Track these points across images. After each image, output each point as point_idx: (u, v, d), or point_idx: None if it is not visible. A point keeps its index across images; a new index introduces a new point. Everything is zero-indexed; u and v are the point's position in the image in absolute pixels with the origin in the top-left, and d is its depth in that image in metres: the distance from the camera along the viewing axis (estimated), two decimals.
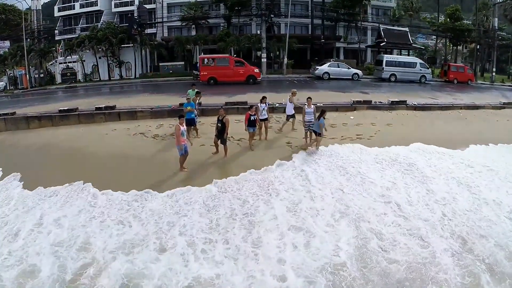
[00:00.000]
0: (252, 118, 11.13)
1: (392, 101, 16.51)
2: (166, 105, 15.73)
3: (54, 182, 9.77)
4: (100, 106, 16.29)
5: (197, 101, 13.09)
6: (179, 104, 15.26)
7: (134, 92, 23.96)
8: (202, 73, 22.97)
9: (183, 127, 9.84)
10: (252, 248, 6.95)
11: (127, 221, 7.92)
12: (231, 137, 11.98)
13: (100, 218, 8.07)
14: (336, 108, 14.86)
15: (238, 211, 8.18)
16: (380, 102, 16.67)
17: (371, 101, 16.31)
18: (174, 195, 8.89)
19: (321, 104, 14.46)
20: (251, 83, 23.19)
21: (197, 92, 13.53)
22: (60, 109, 16.48)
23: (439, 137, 13.13)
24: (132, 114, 15.40)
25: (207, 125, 13.42)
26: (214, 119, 11.64)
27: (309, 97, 11.91)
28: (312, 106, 11.78)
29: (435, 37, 51.41)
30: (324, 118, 11.15)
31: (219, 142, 10.87)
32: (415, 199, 8.73)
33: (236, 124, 13.64)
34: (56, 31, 43.18)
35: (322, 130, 11.17)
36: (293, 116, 12.98)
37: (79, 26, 42.61)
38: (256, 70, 24.07)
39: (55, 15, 45.45)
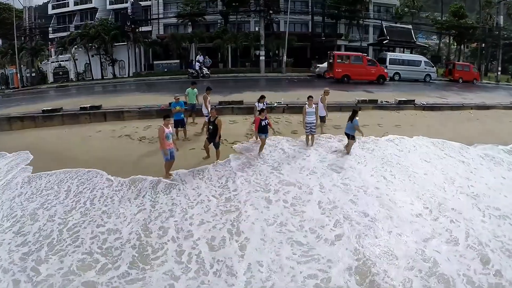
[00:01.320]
0: (263, 123, 9.84)
1: (399, 101, 15.37)
2: (155, 105, 14.59)
3: None
4: (85, 106, 15.16)
5: (208, 100, 11.93)
6: (169, 103, 14.12)
7: (125, 91, 22.80)
8: (336, 70, 22.51)
9: (169, 129, 8.70)
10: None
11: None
12: (225, 139, 10.85)
13: None
14: (340, 107, 13.71)
15: None
16: (386, 101, 15.53)
17: (377, 100, 15.17)
18: None
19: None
20: (381, 83, 23.21)
21: (208, 88, 12.29)
22: (44, 109, 15.40)
23: (452, 140, 12.07)
24: (119, 115, 14.26)
25: (200, 126, 12.32)
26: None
27: (310, 96, 10.76)
28: (314, 105, 10.64)
29: (435, 37, 50.51)
30: (357, 118, 9.90)
31: (210, 145, 9.71)
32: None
33: (231, 125, 12.57)
34: (50, 29, 42.21)
35: (357, 131, 9.93)
36: (323, 119, 11.77)
37: (73, 24, 41.57)
38: (385, 70, 24.05)
39: (48, 13, 44.49)
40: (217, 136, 9.40)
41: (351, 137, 9.97)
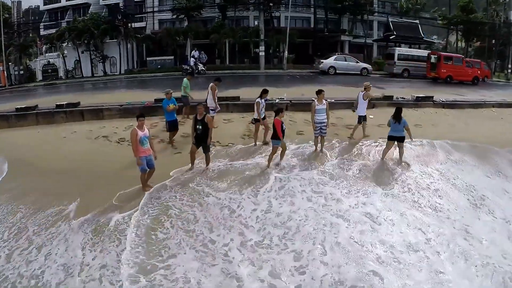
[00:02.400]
0: (284, 127, 7.92)
1: (417, 97, 13.64)
2: (138, 102, 12.84)
3: None
4: (62, 103, 13.44)
5: (216, 92, 10.40)
6: (155, 100, 12.39)
7: (113, 88, 21.00)
8: (442, 70, 23.40)
9: (143, 132, 6.89)
10: None
11: None
12: (217, 141, 9.14)
13: None
14: (352, 104, 11.93)
15: None
16: (402, 98, 13.81)
17: (392, 96, 13.44)
18: None
19: (333, 100, 11.62)
20: (475, 83, 23.92)
21: (217, 79, 10.74)
22: (17, 107, 13.71)
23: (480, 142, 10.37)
24: (98, 113, 12.51)
25: (188, 125, 10.57)
26: None
27: (321, 90, 8.96)
28: (325, 101, 8.85)
29: (435, 36, 48.88)
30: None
31: (198, 150, 7.94)
32: None
33: (225, 125, 10.85)
34: (42, 26, 40.54)
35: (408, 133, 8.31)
36: (365, 118, 10.12)
37: (65, 20, 39.89)
38: (479, 72, 24.50)
39: (40, 9, 42.88)
40: (207, 137, 7.66)
41: (403, 139, 8.28)
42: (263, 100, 9.28)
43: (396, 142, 8.39)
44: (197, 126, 7.55)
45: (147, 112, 12.07)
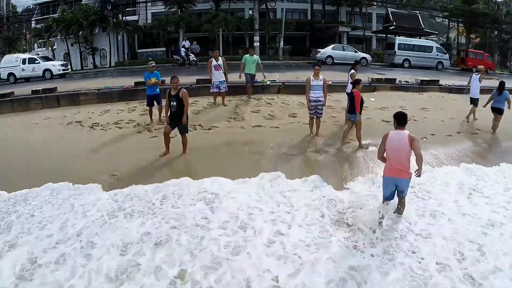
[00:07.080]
0: (364, 100, 7.37)
1: (422, 81, 12.60)
2: (117, 86, 11.79)
3: None
4: (37, 89, 12.45)
5: (212, 63, 9.62)
6: (135, 83, 11.36)
7: (97, 78, 19.92)
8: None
9: None
10: None
11: None
12: (199, 125, 8.10)
13: None
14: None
15: None
16: (406, 81, 12.78)
17: (395, 79, 12.38)
18: None
19: (330, 82, 10.56)
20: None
21: (212, 49, 10.33)
22: None
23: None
24: (74, 98, 11.49)
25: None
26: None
27: (317, 64, 7.94)
28: (322, 77, 7.78)
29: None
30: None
31: (173, 133, 6.89)
32: None
33: (208, 107, 9.80)
34: (33, 20, 39.49)
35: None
36: (475, 102, 9.66)
37: (58, 14, 38.90)
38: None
39: (32, 4, 41.85)
40: (183, 115, 6.59)
41: (502, 112, 8.71)
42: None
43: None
44: (171, 103, 6.48)
45: (126, 96, 11.15)
